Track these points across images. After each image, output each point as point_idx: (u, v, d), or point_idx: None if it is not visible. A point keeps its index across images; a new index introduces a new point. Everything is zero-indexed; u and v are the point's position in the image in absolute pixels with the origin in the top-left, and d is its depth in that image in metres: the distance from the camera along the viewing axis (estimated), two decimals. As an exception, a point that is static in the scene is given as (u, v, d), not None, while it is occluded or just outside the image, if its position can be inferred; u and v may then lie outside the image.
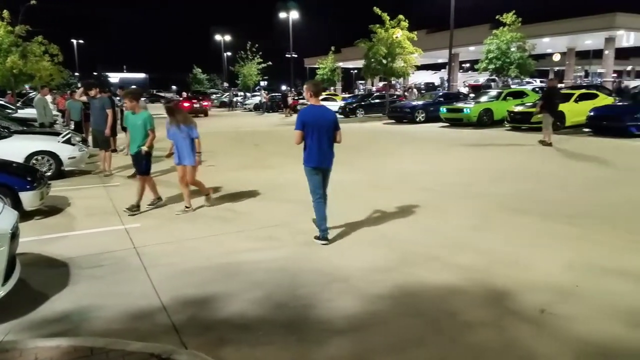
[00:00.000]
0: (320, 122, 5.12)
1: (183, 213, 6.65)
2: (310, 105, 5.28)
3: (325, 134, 5.12)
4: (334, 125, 5.23)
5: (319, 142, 5.09)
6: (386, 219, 6.22)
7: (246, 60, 43.35)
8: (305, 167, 5.24)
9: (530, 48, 25.65)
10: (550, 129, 13.10)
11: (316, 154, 5.11)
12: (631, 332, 3.26)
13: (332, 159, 5.29)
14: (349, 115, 27.75)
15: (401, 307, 3.73)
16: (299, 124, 5.09)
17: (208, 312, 3.73)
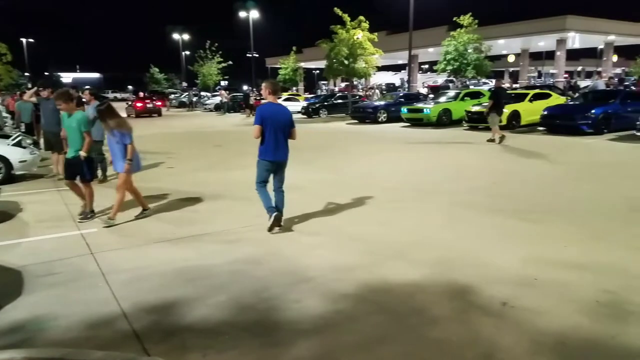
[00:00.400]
0: (278, 119, 5.51)
1: (141, 217, 6.41)
2: (269, 103, 5.63)
3: (281, 131, 5.52)
4: (290, 123, 5.64)
5: (275, 137, 5.48)
6: (351, 218, 6.25)
7: (205, 60, 42.75)
8: (259, 160, 5.62)
9: (487, 49, 26.43)
10: (497, 126, 13.56)
11: (272, 149, 5.50)
12: (587, 321, 3.38)
13: (287, 154, 5.69)
14: (312, 116, 27.77)
15: (367, 305, 3.74)
16: (257, 119, 5.45)
17: (171, 317, 3.63)
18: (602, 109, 14.67)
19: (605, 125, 14.53)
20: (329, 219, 6.25)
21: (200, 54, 43.16)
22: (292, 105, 32.39)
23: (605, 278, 4.10)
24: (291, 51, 42.36)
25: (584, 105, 15.60)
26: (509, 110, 16.66)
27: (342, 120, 24.76)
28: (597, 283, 3.99)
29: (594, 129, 14.33)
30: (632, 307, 3.58)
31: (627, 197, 6.91)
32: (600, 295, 3.77)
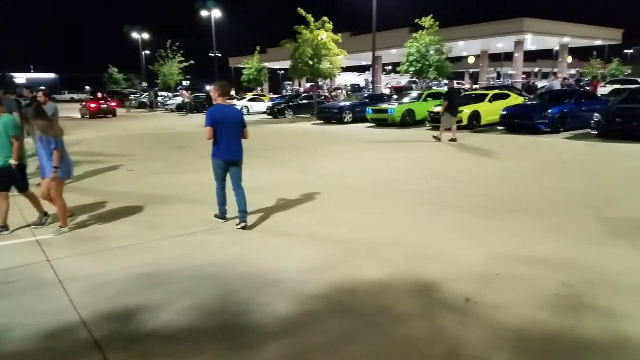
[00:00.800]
0: (229, 119, 5.68)
1: (58, 234, 5.70)
2: (219, 104, 5.75)
3: (233, 131, 5.70)
4: (241, 123, 5.80)
5: (227, 137, 5.65)
6: (318, 219, 6.25)
7: (166, 60, 41.94)
8: (213, 160, 5.80)
9: (448, 51, 27.00)
10: (447, 126, 14.05)
11: (225, 149, 5.69)
12: (547, 315, 3.49)
13: (240, 153, 5.83)
14: (278, 116, 27.67)
15: (335, 305, 3.74)
16: (208, 121, 5.60)
17: (133, 325, 3.53)
18: (559, 109, 15.22)
19: (562, 124, 15.08)
20: (296, 220, 6.23)
21: (160, 53, 42.33)
22: (257, 105, 32.35)
23: (564, 272, 4.23)
24: (255, 51, 42.09)
25: (541, 105, 16.13)
26: (470, 111, 17.08)
27: (308, 120, 24.77)
28: (556, 277, 4.12)
29: (551, 128, 14.84)
30: (589, 299, 3.71)
31: (583, 194, 7.17)
32: (559, 289, 3.89)
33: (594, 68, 52.41)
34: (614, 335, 3.18)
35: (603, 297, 3.74)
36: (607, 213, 6.11)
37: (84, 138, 17.35)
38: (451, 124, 14.10)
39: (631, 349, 3.03)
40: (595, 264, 4.42)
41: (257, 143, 15.99)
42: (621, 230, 5.39)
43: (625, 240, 5.03)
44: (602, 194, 7.17)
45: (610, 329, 3.26)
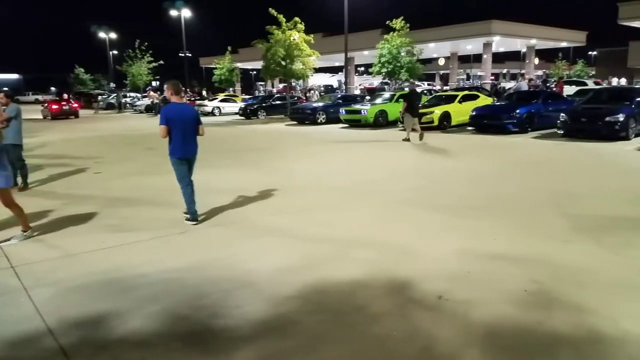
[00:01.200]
0: (183, 117, 5.79)
1: (22, 239, 5.45)
2: (173, 103, 5.88)
3: (188, 128, 5.83)
4: (196, 120, 5.95)
5: (183, 135, 5.77)
6: (292, 220, 6.22)
7: (135, 60, 41.14)
8: (171, 159, 5.90)
9: (418, 53, 27.34)
10: (416, 126, 14.32)
11: (180, 146, 5.80)
12: (516, 310, 3.55)
13: (196, 150, 6.01)
14: (250, 117, 27.48)
15: (309, 306, 3.72)
16: (163, 120, 5.70)
17: (100, 331, 3.43)
18: (526, 109, 15.58)
19: (529, 124, 15.44)
20: (270, 221, 6.18)
21: (129, 53, 41.48)
22: (229, 106, 32.06)
23: (532, 268, 4.32)
24: (226, 51, 41.73)
25: (509, 106, 16.48)
26: (440, 112, 17.34)
27: (281, 121, 24.68)
28: (525, 273, 4.20)
29: (519, 128, 15.18)
30: (556, 294, 3.80)
31: (550, 191, 7.35)
32: (528, 284, 3.97)
33: (559, 69, 53.95)
34: (582, 329, 3.25)
35: (570, 292, 3.83)
36: (573, 210, 6.28)
37: (49, 140, 16.86)
38: (412, 124, 14.39)
39: (599, 342, 3.10)
40: (562, 260, 4.53)
41: (229, 144, 15.89)
42: (586, 226, 5.54)
43: (590, 236, 5.17)
44: (568, 191, 7.36)
45: (578, 323, 3.34)
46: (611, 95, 15.28)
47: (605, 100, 14.48)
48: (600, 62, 66.14)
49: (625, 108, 13.08)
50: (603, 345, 3.06)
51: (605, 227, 5.48)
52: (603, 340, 3.12)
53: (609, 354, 2.97)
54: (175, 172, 5.97)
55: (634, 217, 5.88)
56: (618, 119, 12.74)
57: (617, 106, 13.29)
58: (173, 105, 5.86)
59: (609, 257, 4.60)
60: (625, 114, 12.79)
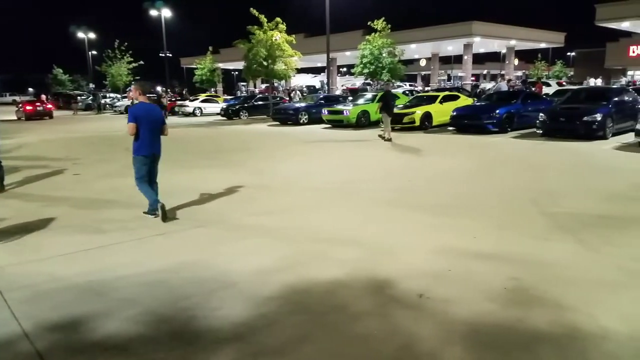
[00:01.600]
0: (150, 116, 6.08)
1: None
2: (141, 102, 6.17)
3: (154, 127, 6.13)
4: (161, 120, 6.27)
5: (150, 133, 6.05)
6: (273, 221, 6.18)
7: (114, 60, 40.57)
8: (136, 157, 6.11)
9: (400, 53, 27.48)
10: (389, 127, 14.71)
11: (148, 144, 6.06)
12: (496, 308, 3.58)
13: (160, 148, 6.29)
14: (232, 118, 27.33)
15: (290, 306, 3.70)
16: (131, 118, 5.96)
17: (78, 335, 3.36)
18: (506, 109, 15.78)
19: (509, 124, 15.64)
20: (251, 222, 6.14)
21: (108, 53, 40.87)
22: (210, 106, 31.84)
23: (512, 266, 4.37)
24: (207, 51, 41.42)
25: (489, 106, 16.66)
26: (422, 112, 17.46)
27: (264, 122, 24.59)
28: (505, 271, 4.24)
29: (498, 128, 15.36)
30: (535, 291, 3.84)
31: (529, 190, 7.45)
32: (508, 282, 4.01)
33: (538, 70, 54.84)
34: (562, 326, 3.29)
35: (549, 289, 3.87)
36: (552, 208, 6.37)
37: (26, 141, 16.53)
38: (388, 123, 14.71)
39: (578, 338, 3.14)
40: (542, 258, 4.58)
41: (211, 145, 15.77)
42: (565, 224, 5.62)
43: (569, 234, 5.24)
44: (547, 190, 7.46)
45: (557, 320, 3.38)
46: (589, 95, 15.54)
47: (583, 100, 14.72)
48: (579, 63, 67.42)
49: (603, 108, 13.33)
50: (582, 342, 3.09)
51: (584, 225, 5.56)
52: (582, 337, 3.16)
53: (589, 350, 3.00)
54: (136, 170, 6.17)
55: (611, 215, 5.98)
56: (595, 119, 12.97)
57: (594, 106, 13.53)
58: (141, 104, 6.13)
59: (588, 254, 4.67)
60: (602, 114, 13.03)
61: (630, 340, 3.09)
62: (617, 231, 5.31)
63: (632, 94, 15.15)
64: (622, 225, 5.52)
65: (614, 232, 5.30)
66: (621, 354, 2.94)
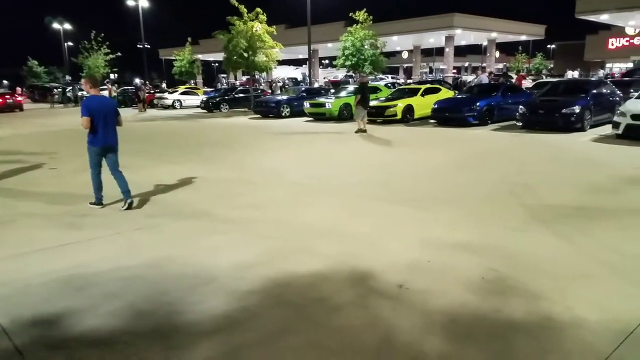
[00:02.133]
0: (103, 109, 6.22)
1: None
2: (92, 95, 6.31)
3: (109, 119, 6.27)
4: (115, 111, 6.41)
5: (104, 125, 6.20)
6: (254, 215, 6.17)
7: (91, 51, 39.78)
8: (90, 148, 6.29)
9: (382, 46, 27.48)
10: (365, 119, 14.93)
11: (102, 136, 6.22)
12: (474, 298, 3.65)
13: (116, 139, 6.44)
14: (213, 110, 27.04)
15: (271, 300, 3.72)
16: (85, 112, 6.06)
17: (57, 330, 3.32)
18: (486, 102, 15.94)
19: (489, 116, 15.81)
20: (232, 216, 6.12)
21: (84, 45, 40.04)
22: (190, 99, 31.49)
23: (489, 257, 4.44)
24: (186, 42, 40.90)
25: (469, 99, 16.79)
26: (403, 105, 17.53)
27: (245, 114, 24.42)
28: (482, 262, 4.31)
29: (479, 120, 15.52)
30: (512, 282, 3.91)
31: (508, 182, 7.56)
32: (486, 272, 4.08)
33: (519, 62, 55.49)
34: (537, 316, 3.37)
35: (526, 279, 3.95)
36: (530, 200, 6.48)
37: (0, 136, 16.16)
38: (362, 115, 14.84)
39: (553, 327, 3.22)
40: (519, 249, 4.67)
41: (190, 139, 15.61)
42: (542, 216, 5.73)
43: (546, 225, 5.35)
44: (526, 182, 7.58)
45: (534, 309, 3.45)
46: (568, 87, 15.77)
47: (562, 92, 14.94)
48: (559, 56, 68.46)
49: (581, 100, 13.55)
50: (557, 331, 3.17)
51: (561, 217, 5.67)
52: (557, 326, 3.24)
53: (563, 339, 3.08)
54: (91, 159, 6.35)
55: (588, 207, 6.11)
56: (574, 111, 13.19)
57: (573, 98, 13.74)
58: (93, 97, 6.27)
59: (564, 245, 4.77)
60: (580, 106, 13.25)
61: (603, 328, 3.18)
62: (593, 222, 5.43)
63: (609, 87, 15.42)
64: (598, 217, 5.65)
65: (590, 223, 5.42)
66: (594, 342, 3.03)
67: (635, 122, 11.24)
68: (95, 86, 6.41)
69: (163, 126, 19.42)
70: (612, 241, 4.81)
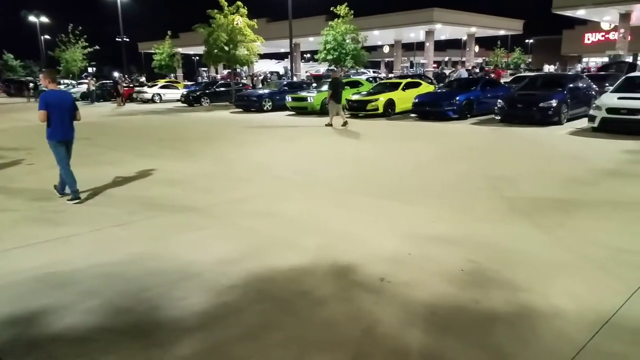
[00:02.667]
0: (61, 103, 6.31)
1: None
2: (51, 90, 6.38)
3: (66, 113, 6.34)
4: (73, 106, 6.48)
5: (61, 119, 6.29)
6: (237, 210, 6.15)
7: (68, 45, 38.99)
8: (50, 142, 6.35)
9: (363, 40, 27.51)
10: (340, 113, 15.23)
11: (60, 130, 6.31)
12: (454, 289, 3.70)
13: (73, 133, 6.54)
14: (193, 104, 26.79)
15: (254, 295, 3.71)
16: (42, 105, 6.15)
17: (35, 329, 3.27)
18: (465, 96, 16.10)
19: (469, 110, 15.98)
20: (214, 211, 6.09)
21: (62, 38, 39.22)
22: (170, 93, 31.11)
23: (469, 249, 4.51)
24: (166, 36, 40.37)
25: (449, 93, 16.94)
26: (385, 99, 17.60)
27: (226, 108, 24.23)
28: (462, 254, 4.37)
29: (458, 115, 15.67)
30: (492, 273, 3.98)
31: (487, 176, 7.66)
32: (465, 264, 4.14)
33: (498, 57, 56.12)
34: (516, 306, 3.43)
35: (505, 271, 4.02)
36: (509, 193, 6.58)
37: (-26, 130, 15.77)
38: (337, 110, 15.11)
39: (531, 317, 3.28)
40: (498, 240, 4.75)
41: (170, 133, 15.45)
42: (521, 208, 5.83)
43: (525, 218, 5.44)
44: (504, 175, 7.70)
45: (513, 300, 3.52)
46: (545, 82, 16.01)
47: (539, 86, 15.18)
48: (536, 50, 69.44)
49: (558, 94, 13.78)
50: (535, 321, 3.24)
51: (537, 208, 5.78)
52: (535, 315, 3.30)
53: (540, 328, 3.15)
54: (55, 154, 6.44)
55: (565, 199, 6.24)
56: (551, 105, 13.41)
57: (550, 92, 13.97)
58: (51, 92, 6.33)
59: (542, 237, 4.86)
60: (558, 100, 13.48)
61: (578, 317, 3.26)
62: (570, 214, 5.55)
63: (585, 81, 15.70)
64: (575, 209, 5.77)
65: (566, 215, 5.53)
66: (569, 330, 3.10)
67: (611, 115, 11.48)
68: (53, 81, 6.51)
69: (143, 120, 19.16)
70: (589, 232, 4.93)
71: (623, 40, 29.99)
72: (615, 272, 3.97)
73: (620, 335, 3.05)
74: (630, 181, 7.20)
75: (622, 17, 29.88)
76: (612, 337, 3.03)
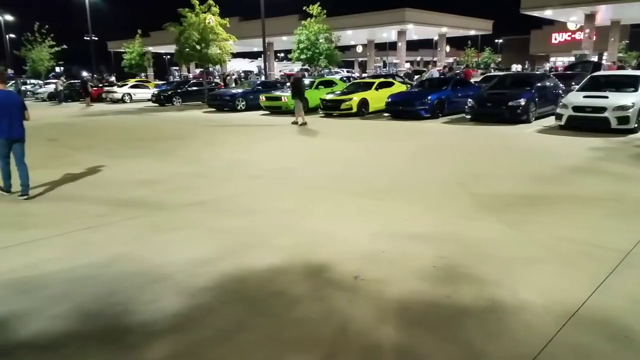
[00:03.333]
0: (8, 103, 6.60)
1: None
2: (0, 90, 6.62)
3: (14, 112, 6.64)
4: (22, 105, 6.80)
5: (9, 119, 6.56)
6: (209, 210, 6.10)
7: (35, 44, 37.95)
8: None
9: (336, 40, 27.61)
10: (302, 112, 15.60)
11: (6, 128, 6.57)
12: (426, 286, 3.76)
13: (22, 131, 6.80)
14: (165, 104, 26.40)
15: (227, 295, 3.69)
16: None
17: (1, 336, 3.18)
18: (437, 96, 16.30)
19: (440, 109, 16.19)
20: (186, 212, 6.02)
21: (28, 37, 38.13)
22: (140, 92, 30.59)
23: (440, 245, 4.58)
24: (136, 34, 39.71)
25: (421, 92, 17.13)
26: (358, 98, 17.69)
27: (199, 108, 23.96)
28: (434, 250, 4.44)
29: (430, 114, 15.86)
30: (462, 269, 4.06)
31: (457, 173, 7.79)
32: (437, 261, 4.21)
33: (469, 57, 57.09)
34: (486, 300, 3.51)
35: (475, 266, 4.10)
36: (478, 190, 6.71)
37: None
38: (300, 108, 15.42)
39: (501, 311, 3.36)
40: (468, 236, 4.84)
41: (141, 133, 15.20)
42: (489, 204, 5.95)
43: (493, 214, 5.56)
44: (474, 172, 7.84)
45: (483, 295, 3.59)
46: (514, 81, 16.37)
47: (508, 86, 15.50)
48: (506, 50, 70.91)
49: (527, 93, 14.10)
50: (503, 314, 3.32)
51: (506, 205, 5.91)
52: (503, 309, 3.38)
53: (508, 321, 3.22)
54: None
55: (532, 195, 6.39)
56: (520, 104, 13.70)
57: (519, 91, 14.29)
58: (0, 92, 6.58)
59: (509, 232, 4.97)
60: (526, 99, 13.79)
61: (544, 310, 3.35)
62: (537, 210, 5.69)
63: (553, 80, 16.10)
64: (542, 205, 5.92)
65: (533, 210, 5.67)
66: (535, 323, 3.19)
67: (577, 113, 11.81)
68: (2, 82, 6.82)
69: (113, 121, 18.78)
70: (556, 227, 5.06)
71: (588, 40, 30.93)
72: (582, 266, 4.09)
73: (587, 327, 3.15)
74: (596, 177, 7.43)
75: (588, 17, 30.80)
76: (579, 329, 3.12)
